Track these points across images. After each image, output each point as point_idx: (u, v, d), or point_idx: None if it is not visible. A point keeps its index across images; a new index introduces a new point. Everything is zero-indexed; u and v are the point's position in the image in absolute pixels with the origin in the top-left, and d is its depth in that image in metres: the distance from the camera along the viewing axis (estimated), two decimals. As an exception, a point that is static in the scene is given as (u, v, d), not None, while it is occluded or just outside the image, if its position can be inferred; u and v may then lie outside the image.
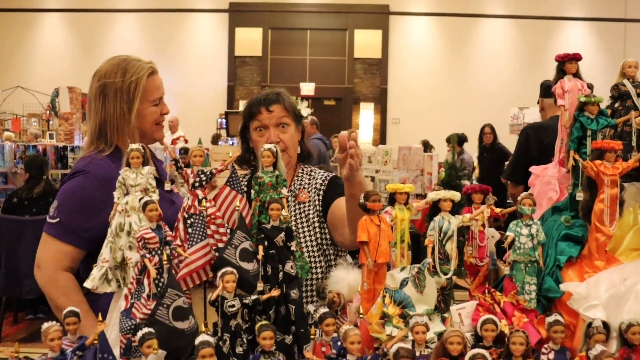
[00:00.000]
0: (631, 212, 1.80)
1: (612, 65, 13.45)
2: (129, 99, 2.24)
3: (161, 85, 2.38)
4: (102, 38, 16.91)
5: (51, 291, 2.13)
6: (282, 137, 2.46)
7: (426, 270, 1.71)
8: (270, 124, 2.46)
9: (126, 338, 1.52)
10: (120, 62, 2.29)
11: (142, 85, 2.26)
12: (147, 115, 2.31)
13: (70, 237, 2.13)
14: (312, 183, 2.54)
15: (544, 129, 4.47)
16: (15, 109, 13.63)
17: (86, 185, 2.18)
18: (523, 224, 1.72)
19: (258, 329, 1.45)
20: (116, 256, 1.71)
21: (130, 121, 2.24)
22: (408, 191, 1.78)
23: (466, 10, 16.58)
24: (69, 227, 2.14)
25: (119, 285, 1.73)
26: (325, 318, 1.52)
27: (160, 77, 2.38)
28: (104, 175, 2.14)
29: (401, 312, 1.66)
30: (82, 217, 2.14)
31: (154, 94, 2.32)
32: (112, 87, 2.24)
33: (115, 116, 2.24)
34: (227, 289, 1.52)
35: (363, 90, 17.31)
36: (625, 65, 1.97)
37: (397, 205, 1.77)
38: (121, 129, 2.25)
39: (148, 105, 2.31)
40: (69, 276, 2.14)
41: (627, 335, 1.48)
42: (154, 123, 2.35)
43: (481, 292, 1.75)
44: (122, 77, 2.24)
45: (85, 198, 2.16)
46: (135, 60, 2.31)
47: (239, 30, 17.20)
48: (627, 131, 1.88)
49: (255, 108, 2.48)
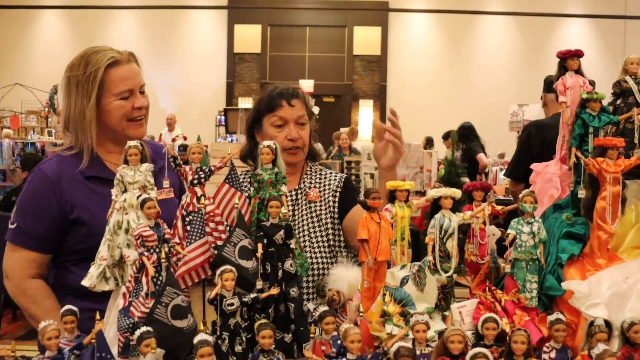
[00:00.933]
0: (633, 209, 1.79)
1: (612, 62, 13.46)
2: (87, 92, 2.09)
3: (131, 76, 2.15)
4: (101, 35, 16.87)
5: (21, 300, 2.10)
6: (301, 133, 2.40)
7: (427, 269, 1.70)
8: (291, 119, 2.38)
9: (124, 337, 1.51)
10: (85, 53, 2.16)
11: (99, 78, 2.08)
12: (113, 110, 2.12)
13: (30, 243, 2.08)
14: (325, 183, 2.48)
15: (546, 127, 4.45)
16: (13, 106, 13.61)
17: (37, 188, 2.11)
18: (524, 221, 1.71)
19: (257, 327, 1.44)
20: (114, 254, 1.70)
21: (86, 116, 2.09)
22: (408, 188, 1.76)
23: (466, 7, 16.58)
24: (27, 233, 2.08)
25: (117, 283, 1.71)
26: (325, 316, 1.51)
27: (131, 68, 2.17)
28: (55, 174, 2.09)
29: (401, 311, 1.65)
30: (36, 221, 2.08)
31: (119, 87, 2.11)
32: (75, 80, 2.12)
33: (76, 111, 2.11)
34: (226, 287, 1.51)
35: (362, 87, 17.30)
36: (627, 61, 1.95)
37: (397, 202, 1.76)
38: (81, 125, 2.11)
39: (112, 99, 2.11)
40: (37, 283, 2.09)
41: (629, 334, 1.47)
42: (124, 119, 2.14)
43: (482, 290, 1.75)
44: (84, 69, 2.10)
45: (36, 201, 2.10)
46: (101, 50, 2.15)
47: (238, 27, 17.18)
48: (629, 128, 1.87)
49: (277, 101, 2.39)
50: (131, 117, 2.15)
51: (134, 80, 2.16)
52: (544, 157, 2.20)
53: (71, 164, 2.13)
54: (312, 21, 17.17)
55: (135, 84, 2.16)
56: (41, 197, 2.09)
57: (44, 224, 2.08)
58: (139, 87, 2.17)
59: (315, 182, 2.48)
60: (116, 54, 2.14)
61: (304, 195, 2.43)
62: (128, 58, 2.17)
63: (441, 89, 16.57)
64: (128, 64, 2.16)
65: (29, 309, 2.08)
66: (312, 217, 2.40)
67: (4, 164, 7.34)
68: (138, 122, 2.17)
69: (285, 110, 2.39)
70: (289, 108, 2.39)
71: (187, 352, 1.50)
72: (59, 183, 2.09)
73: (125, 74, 2.14)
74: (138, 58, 2.24)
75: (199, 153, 1.73)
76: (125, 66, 2.15)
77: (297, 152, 2.42)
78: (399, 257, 1.74)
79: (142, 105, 2.17)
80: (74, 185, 2.11)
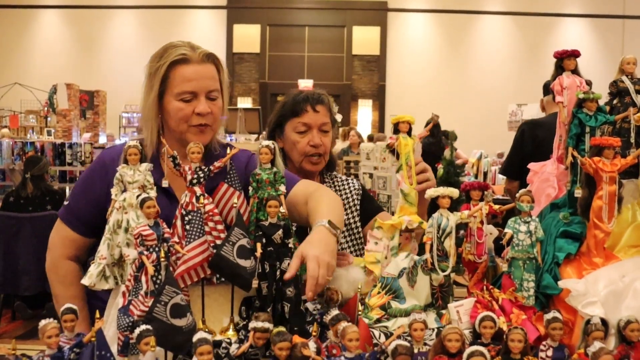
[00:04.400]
0: (629, 208, 1.80)
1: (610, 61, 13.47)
2: (151, 87, 1.97)
3: (197, 78, 1.94)
4: (100, 35, 16.89)
5: (51, 277, 2.09)
6: (324, 140, 2.38)
7: (420, 267, 1.72)
8: (315, 125, 2.35)
9: (124, 335, 1.52)
10: (166, 45, 2.02)
11: (161, 73, 1.93)
12: (172, 111, 1.95)
13: (75, 223, 2.05)
14: (343, 188, 2.47)
15: (540, 125, 4.51)
16: (13, 106, 13.62)
17: (92, 171, 2.09)
18: (521, 220, 1.71)
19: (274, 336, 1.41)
20: (114, 253, 1.71)
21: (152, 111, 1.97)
22: (409, 120, 1.94)
23: (464, 7, 16.59)
24: (74, 212, 2.06)
25: (117, 282, 1.72)
26: (339, 320, 1.50)
27: (199, 69, 1.96)
28: (112, 159, 2.00)
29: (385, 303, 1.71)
30: (84, 203, 2.04)
31: (180, 87, 1.93)
32: (148, 71, 2.00)
33: (144, 104, 2.00)
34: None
35: (361, 86, 17.32)
36: (623, 61, 1.96)
37: (401, 134, 1.93)
38: (146, 119, 1.99)
39: (172, 99, 1.94)
40: (72, 266, 2.06)
41: (625, 332, 1.48)
42: (183, 122, 1.95)
43: (479, 289, 1.75)
44: (157, 61, 1.97)
45: (87, 183, 2.07)
46: (179, 45, 1.99)
47: (237, 26, 17.19)
48: (625, 128, 1.88)
49: (302, 106, 2.35)
50: (190, 123, 1.95)
51: (201, 83, 1.95)
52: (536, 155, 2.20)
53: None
54: (311, 21, 17.18)
55: (201, 87, 1.95)
56: (94, 180, 2.05)
57: (91, 207, 2.02)
58: (205, 92, 1.96)
59: (336, 189, 2.46)
60: (188, 52, 1.96)
61: None
62: (201, 58, 1.97)
63: (440, 89, 16.58)
64: (199, 64, 1.96)
65: (55, 288, 2.07)
66: None
67: (4, 164, 7.34)
68: (199, 128, 1.96)
69: (310, 115, 2.36)
70: (314, 114, 2.36)
71: (186, 351, 1.51)
72: (112, 168, 1.92)
73: (191, 74, 1.94)
74: (220, 60, 2.06)
75: (198, 152, 1.74)
76: (194, 66, 1.95)
77: (319, 161, 2.39)
78: (406, 180, 1.90)
79: (204, 111, 1.94)
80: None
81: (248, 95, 17.30)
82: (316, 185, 2.06)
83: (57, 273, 2.08)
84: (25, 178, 5.80)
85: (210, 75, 1.99)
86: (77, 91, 11.67)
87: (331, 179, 2.51)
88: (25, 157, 7.09)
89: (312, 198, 1.91)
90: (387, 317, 1.73)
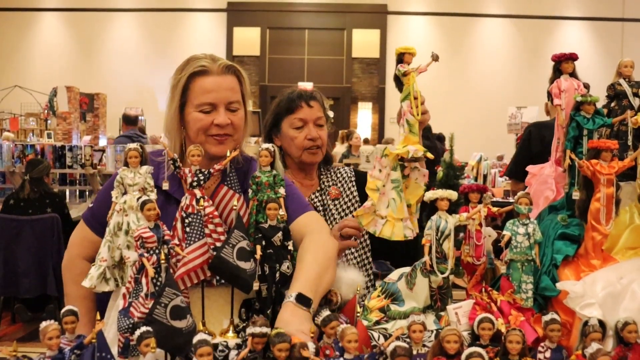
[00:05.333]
0: (627, 211, 1.81)
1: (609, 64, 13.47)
2: (173, 99, 1.99)
3: (216, 89, 1.96)
4: (101, 38, 16.91)
5: (66, 275, 2.09)
6: (320, 133, 2.46)
7: (419, 270, 1.72)
8: (310, 119, 2.44)
9: (124, 337, 1.53)
10: (189, 58, 2.05)
11: (181, 85, 1.96)
12: (191, 122, 1.96)
13: (96, 226, 2.03)
14: (339, 178, 2.56)
15: (546, 127, 4.53)
16: (13, 109, 13.64)
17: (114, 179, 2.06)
18: (520, 223, 1.72)
19: (273, 337, 1.41)
20: (114, 255, 1.72)
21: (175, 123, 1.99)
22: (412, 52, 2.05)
23: (464, 10, 16.61)
24: (96, 216, 2.04)
25: (117, 284, 1.73)
26: (330, 321, 1.51)
27: (218, 81, 1.97)
28: None
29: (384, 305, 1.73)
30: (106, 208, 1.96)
31: (200, 98, 1.94)
32: (171, 82, 2.03)
33: (167, 115, 2.02)
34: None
35: (361, 89, 17.33)
36: (621, 64, 1.97)
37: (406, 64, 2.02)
38: (168, 130, 2.02)
39: (192, 110, 1.95)
40: (87, 267, 1.98)
41: (623, 334, 1.48)
42: (201, 133, 1.95)
43: (478, 291, 1.76)
44: (179, 73, 2.01)
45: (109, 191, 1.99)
46: (200, 58, 2.01)
47: (237, 29, 17.21)
48: (623, 130, 1.89)
49: (296, 103, 2.45)
50: (209, 133, 1.96)
51: (220, 94, 1.97)
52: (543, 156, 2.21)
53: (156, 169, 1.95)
54: (311, 24, 17.20)
55: (221, 99, 1.96)
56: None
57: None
58: (225, 103, 1.97)
59: (332, 180, 2.55)
60: (208, 63, 1.98)
61: (327, 195, 2.49)
62: (221, 70, 1.98)
63: (440, 92, 16.57)
64: (219, 75, 1.97)
65: (67, 286, 2.08)
66: (339, 212, 2.46)
67: (4, 166, 7.34)
68: (218, 138, 1.97)
69: (305, 111, 2.44)
70: (308, 109, 2.44)
71: (186, 352, 1.52)
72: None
73: (210, 86, 1.96)
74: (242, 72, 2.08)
75: (198, 155, 1.75)
76: (214, 78, 1.97)
77: (317, 152, 2.47)
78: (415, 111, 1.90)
79: (223, 122, 1.95)
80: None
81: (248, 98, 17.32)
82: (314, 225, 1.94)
83: (71, 271, 2.06)
84: (24, 180, 5.81)
85: (230, 87, 1.99)
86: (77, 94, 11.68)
87: (327, 170, 2.60)
88: (25, 159, 7.09)
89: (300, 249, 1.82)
90: (386, 319, 1.74)
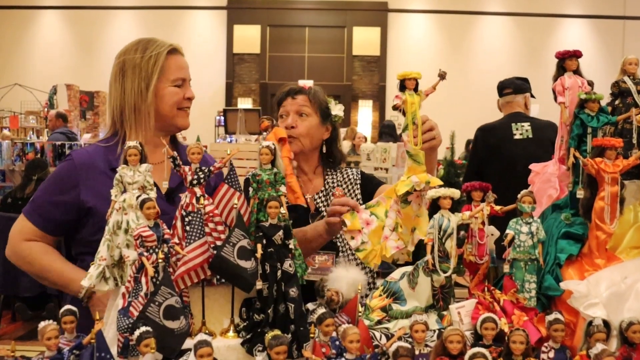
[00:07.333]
0: (631, 209, 1.80)
1: (610, 62, 13.49)
2: (147, 75, 2.15)
3: (185, 66, 2.26)
4: (100, 35, 16.88)
5: (19, 264, 2.13)
6: (299, 123, 2.46)
7: (421, 269, 1.71)
8: (291, 110, 2.48)
9: (124, 337, 1.51)
10: (140, 40, 2.24)
11: (161, 62, 2.17)
12: (166, 96, 2.18)
13: (38, 221, 2.11)
14: (345, 179, 2.56)
15: (490, 130, 4.68)
16: (13, 107, 13.60)
17: (61, 172, 2.17)
18: (523, 221, 1.71)
19: (270, 339, 1.42)
20: (113, 254, 1.70)
21: (147, 99, 2.15)
22: (416, 77, 1.89)
23: (465, 8, 16.58)
24: (39, 211, 2.12)
25: (117, 283, 1.71)
26: (324, 319, 1.50)
27: (185, 60, 2.27)
28: (83, 162, 2.13)
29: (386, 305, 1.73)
30: (51, 204, 2.12)
31: (175, 73, 2.20)
32: (131, 63, 2.17)
33: (133, 94, 2.15)
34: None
35: (362, 87, 17.31)
36: (625, 62, 1.96)
37: (407, 91, 1.88)
38: (138, 108, 2.16)
39: (167, 85, 2.18)
40: (32, 244, 2.11)
41: (627, 334, 1.47)
42: (175, 106, 2.21)
43: (481, 290, 1.75)
44: (142, 53, 2.17)
45: (57, 184, 2.15)
46: (157, 39, 2.24)
47: (237, 27, 17.18)
48: (627, 128, 1.88)
49: (282, 97, 2.53)
50: (181, 106, 2.22)
51: (186, 71, 2.26)
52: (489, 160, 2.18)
53: (104, 154, 2.16)
54: (312, 22, 17.17)
55: (187, 75, 2.26)
56: (62, 182, 2.13)
57: (59, 208, 2.12)
58: (189, 80, 2.27)
59: (338, 181, 2.56)
60: (173, 43, 2.24)
61: (331, 196, 2.49)
62: (181, 51, 2.27)
63: (440, 90, 16.48)
64: (182, 55, 2.27)
65: (29, 271, 2.12)
66: None
67: (4, 165, 7.33)
68: (187, 111, 2.25)
69: (288, 102, 2.51)
70: (291, 100, 2.51)
71: (177, 355, 1.50)
72: (84, 171, 2.13)
73: (181, 63, 2.24)
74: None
75: (198, 153, 1.73)
76: (181, 56, 2.26)
77: (292, 142, 2.45)
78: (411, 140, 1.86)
79: (192, 96, 2.25)
80: (98, 176, 2.13)
81: (248, 95, 17.30)
82: None
83: (21, 257, 2.11)
84: (31, 179, 5.81)
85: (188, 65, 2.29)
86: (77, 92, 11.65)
87: (333, 171, 2.60)
88: (25, 158, 7.09)
89: None
90: (388, 318, 1.73)
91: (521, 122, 4.60)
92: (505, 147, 4.51)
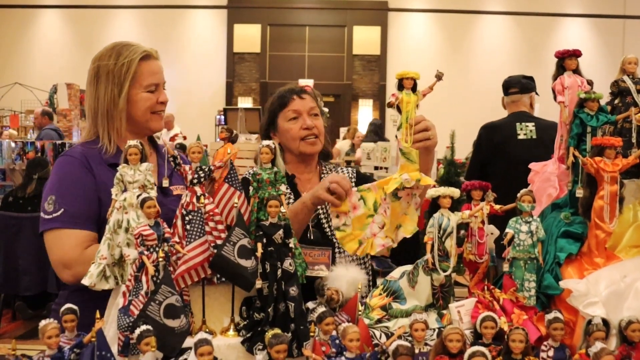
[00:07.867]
0: (631, 208, 1.80)
1: (610, 61, 13.46)
2: (120, 82, 2.18)
3: (159, 71, 2.29)
4: (101, 34, 16.86)
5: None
6: (316, 123, 2.48)
7: (421, 268, 1.71)
8: (304, 110, 2.47)
9: (124, 335, 1.52)
10: (115, 45, 2.26)
11: (133, 68, 2.19)
12: (139, 102, 2.22)
13: (81, 223, 2.04)
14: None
15: (494, 129, 4.64)
16: (13, 106, 13.60)
17: (70, 170, 2.13)
18: (523, 220, 1.71)
19: (271, 338, 1.42)
20: (114, 253, 1.70)
21: (119, 105, 2.17)
22: (413, 77, 1.89)
23: (465, 7, 16.58)
24: (75, 215, 2.04)
25: (117, 282, 1.72)
26: (324, 317, 1.50)
27: (159, 64, 2.30)
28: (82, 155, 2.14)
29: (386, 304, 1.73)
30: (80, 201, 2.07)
31: (148, 79, 2.23)
32: (105, 69, 2.20)
33: (106, 100, 2.18)
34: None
35: (362, 86, 17.30)
36: (625, 61, 1.96)
37: (405, 90, 1.88)
38: (111, 114, 2.18)
39: (140, 91, 2.22)
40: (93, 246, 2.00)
41: (626, 333, 1.48)
42: (149, 111, 2.24)
43: (480, 289, 1.75)
44: (115, 59, 2.20)
45: (74, 182, 2.10)
46: (132, 44, 2.26)
47: (237, 26, 17.17)
48: (626, 128, 1.88)
49: (288, 97, 2.49)
50: (154, 110, 2.26)
51: (160, 75, 2.29)
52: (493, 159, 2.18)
53: (95, 153, 2.17)
54: (312, 21, 17.16)
55: (161, 79, 2.29)
56: (77, 177, 2.10)
57: (88, 202, 2.07)
58: (163, 83, 2.30)
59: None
60: (149, 50, 2.27)
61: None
62: (156, 55, 2.30)
63: (440, 89, 16.37)
64: (156, 60, 2.29)
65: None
66: None
67: (4, 164, 7.33)
68: (161, 114, 2.30)
69: (297, 102, 2.47)
70: (300, 100, 2.48)
71: (177, 353, 1.50)
72: (88, 163, 2.13)
73: (154, 68, 2.26)
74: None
75: (198, 152, 1.74)
76: (155, 61, 2.28)
77: (315, 142, 2.47)
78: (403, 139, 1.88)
79: (165, 100, 2.29)
80: (101, 169, 2.13)
81: (249, 95, 17.29)
82: None
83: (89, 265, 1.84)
84: (32, 179, 5.81)
85: (162, 69, 2.32)
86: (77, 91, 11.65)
87: (328, 169, 2.59)
88: (25, 157, 7.09)
89: None
90: (387, 317, 1.73)
91: (525, 122, 4.55)
92: (509, 147, 4.48)
